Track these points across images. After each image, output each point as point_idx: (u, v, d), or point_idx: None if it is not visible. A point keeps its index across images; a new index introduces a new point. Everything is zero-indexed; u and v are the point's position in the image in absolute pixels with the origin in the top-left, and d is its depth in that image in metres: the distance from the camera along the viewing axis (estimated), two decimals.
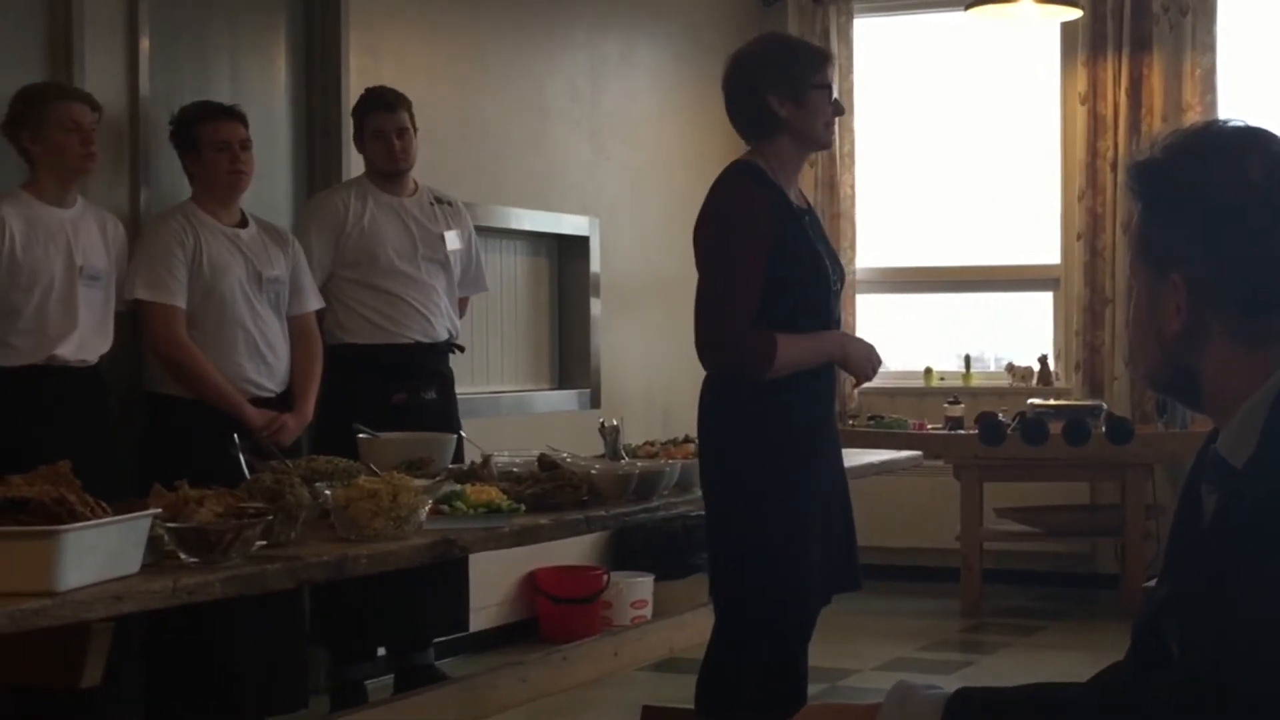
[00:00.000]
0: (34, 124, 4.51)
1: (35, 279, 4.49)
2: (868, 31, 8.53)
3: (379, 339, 5.42)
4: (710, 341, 3.84)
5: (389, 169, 5.48)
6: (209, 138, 4.93)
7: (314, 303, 5.25)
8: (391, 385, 5.38)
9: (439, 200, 5.64)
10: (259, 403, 4.96)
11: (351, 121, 5.76)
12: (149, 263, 4.82)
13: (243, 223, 5.06)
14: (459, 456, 4.58)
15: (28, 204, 4.51)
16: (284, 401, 5.06)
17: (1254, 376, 1.67)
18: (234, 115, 4.99)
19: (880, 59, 8.59)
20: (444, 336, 5.58)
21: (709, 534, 3.98)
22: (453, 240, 5.61)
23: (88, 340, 4.62)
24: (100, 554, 2.75)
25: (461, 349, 5.75)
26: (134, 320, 4.90)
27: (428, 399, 5.47)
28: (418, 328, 5.48)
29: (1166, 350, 1.74)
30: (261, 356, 5.02)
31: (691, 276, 3.95)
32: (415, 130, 5.49)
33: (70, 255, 4.56)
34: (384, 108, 5.44)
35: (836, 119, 3.96)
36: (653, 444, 4.77)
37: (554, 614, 6.79)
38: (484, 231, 6.03)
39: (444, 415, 5.42)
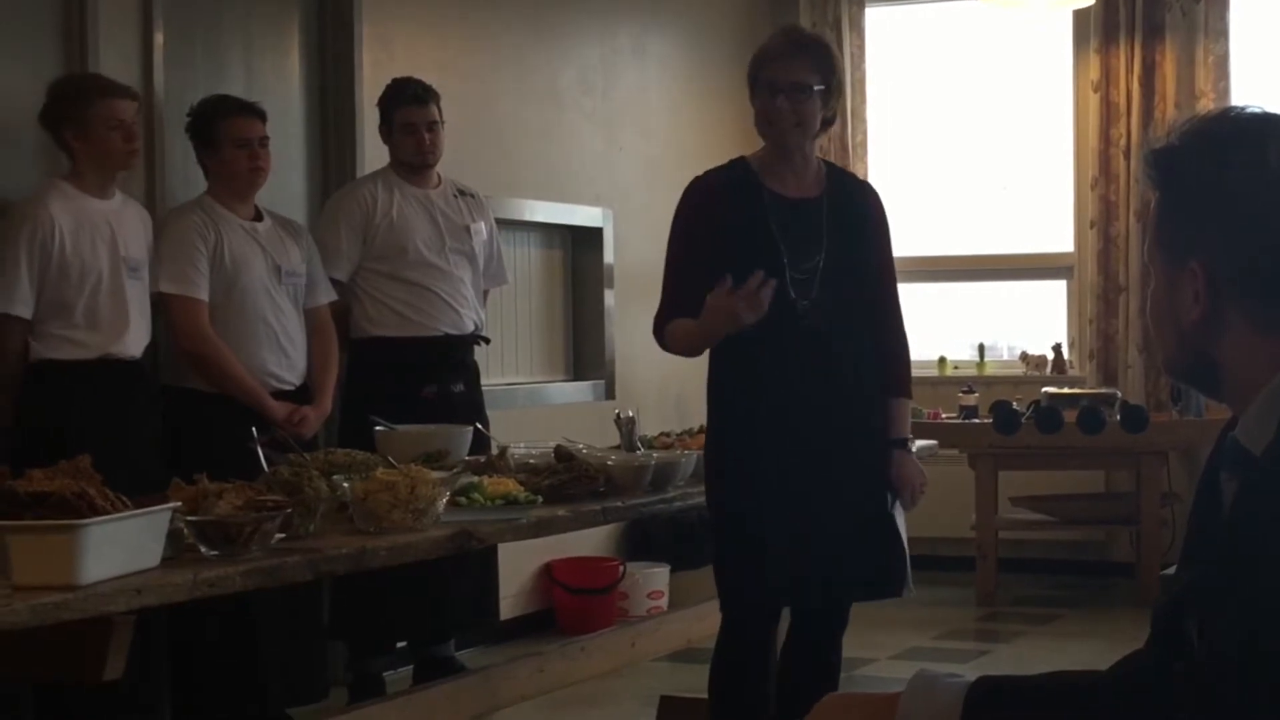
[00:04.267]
0: (78, 121, 4.50)
1: (85, 274, 4.49)
2: (879, 21, 8.53)
3: (408, 332, 5.41)
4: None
5: (418, 162, 5.47)
6: (229, 134, 4.93)
7: (327, 295, 5.26)
8: (420, 378, 5.38)
9: (462, 193, 5.64)
10: (279, 396, 4.97)
11: (364, 114, 5.77)
12: (172, 257, 4.83)
13: (258, 216, 5.07)
14: (483, 448, 4.58)
15: (73, 197, 4.50)
16: (302, 394, 5.08)
17: (1273, 363, 1.67)
18: (254, 112, 4.99)
19: (892, 48, 8.58)
20: (470, 329, 5.58)
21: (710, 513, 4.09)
22: (480, 232, 5.61)
23: (140, 334, 4.64)
24: (121, 547, 2.76)
25: (487, 341, 5.76)
26: (154, 314, 4.92)
27: (456, 392, 5.47)
28: (446, 320, 5.48)
29: (1185, 338, 1.74)
30: (282, 350, 5.04)
31: None
32: (443, 123, 5.49)
33: (115, 247, 4.56)
34: (414, 100, 5.43)
35: (792, 115, 3.91)
36: (668, 434, 4.79)
37: (570, 605, 6.80)
38: (498, 223, 6.04)
39: (472, 407, 5.42)
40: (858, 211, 4.08)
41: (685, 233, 4.00)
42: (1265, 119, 1.71)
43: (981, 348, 8.37)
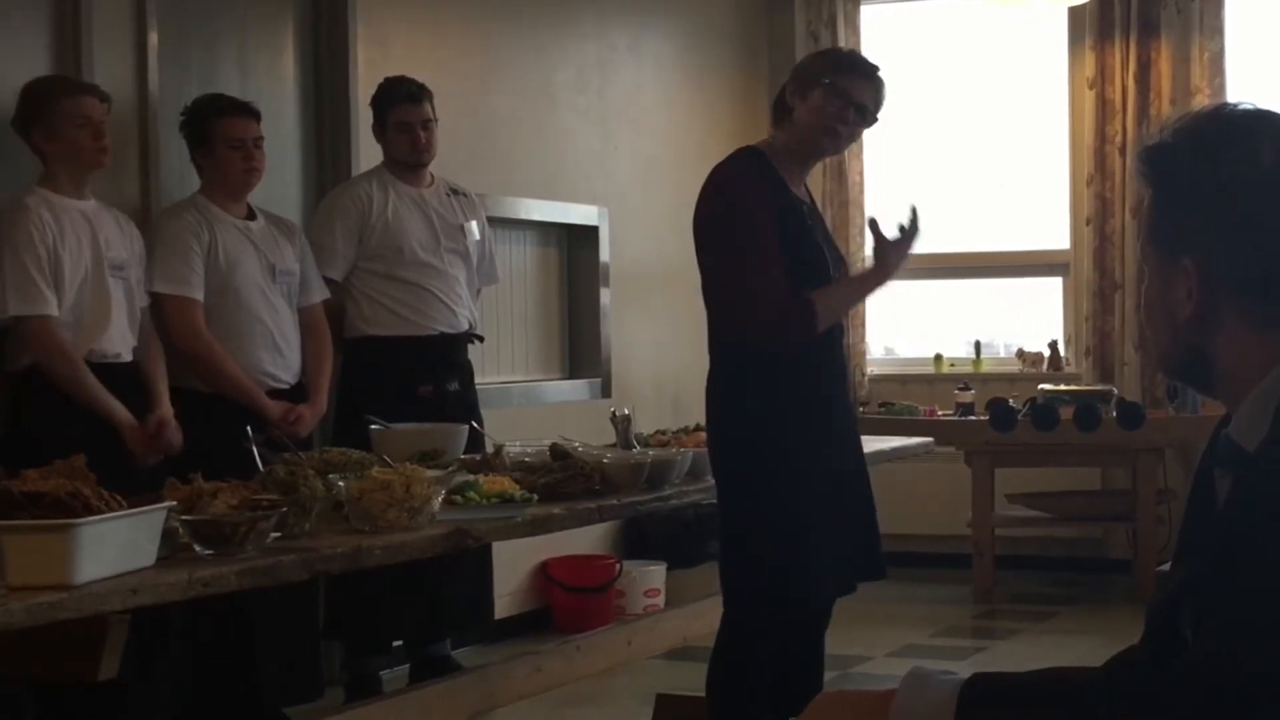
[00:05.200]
0: (45, 121, 4.45)
1: (73, 275, 4.45)
2: (874, 18, 8.52)
3: (404, 331, 5.41)
4: (749, 315, 3.84)
5: (412, 160, 5.47)
6: (223, 134, 4.92)
7: (320, 294, 5.26)
8: (416, 377, 5.38)
9: (454, 191, 5.64)
10: (274, 395, 4.97)
11: (359, 113, 5.77)
12: (166, 257, 4.82)
13: (251, 215, 5.07)
14: (478, 447, 4.59)
15: (50, 200, 4.46)
16: (297, 393, 5.07)
17: (1266, 360, 1.67)
18: (249, 112, 4.98)
19: (887, 46, 8.57)
20: (465, 327, 5.58)
21: (719, 514, 4.03)
22: (474, 231, 5.61)
23: (123, 334, 4.60)
24: (115, 547, 2.76)
25: (481, 339, 5.77)
26: (148, 314, 4.90)
27: (451, 390, 5.47)
28: (442, 319, 5.48)
29: (1179, 335, 1.74)
30: (277, 349, 5.03)
31: None
32: (436, 121, 5.49)
33: (97, 247, 4.52)
34: (408, 99, 5.42)
35: (848, 130, 3.96)
36: (664, 433, 4.78)
37: (567, 603, 6.80)
38: (493, 222, 6.04)
39: (466, 407, 5.42)
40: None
41: (751, 215, 3.86)
42: (1258, 116, 1.71)
43: (978, 345, 8.37)
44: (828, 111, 3.91)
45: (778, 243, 3.83)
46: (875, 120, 4.02)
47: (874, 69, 4.04)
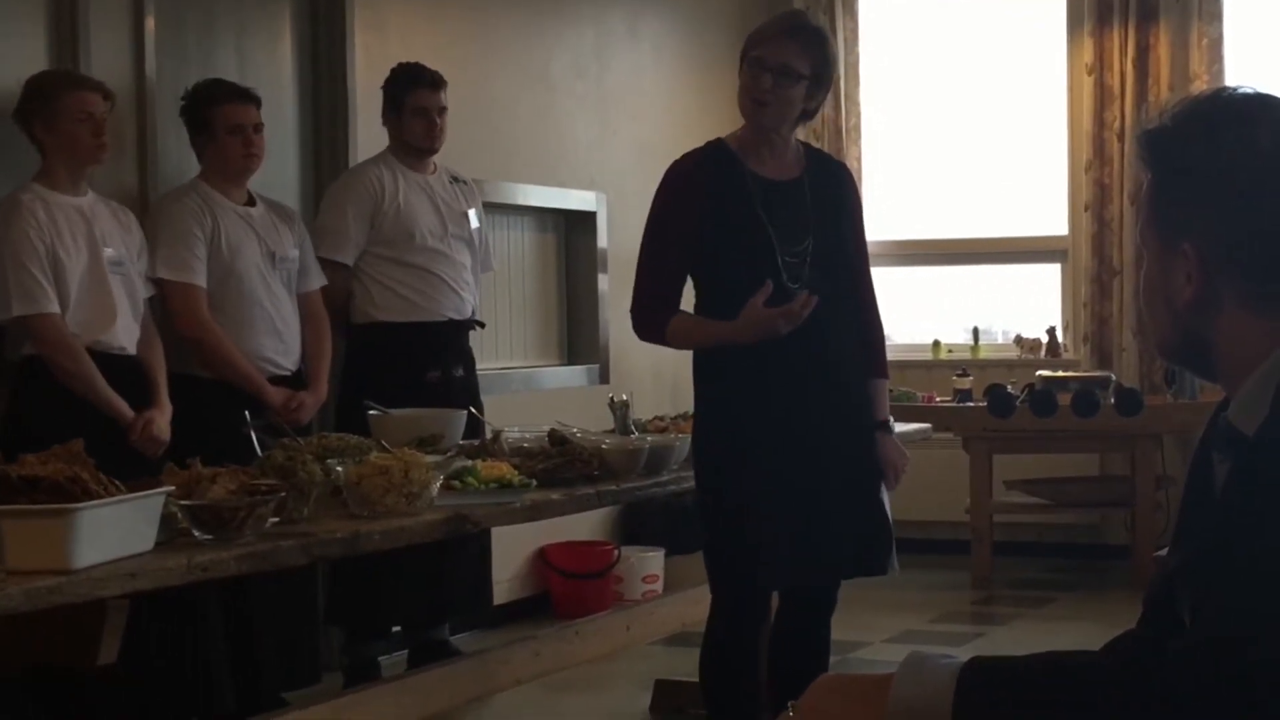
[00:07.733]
0: (46, 114, 4.44)
1: (72, 273, 4.43)
2: (873, 4, 8.52)
3: (414, 316, 5.40)
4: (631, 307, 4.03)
5: (425, 147, 5.47)
6: (223, 120, 4.91)
7: (318, 281, 5.25)
8: (423, 363, 5.38)
9: (455, 179, 5.64)
10: (275, 381, 4.97)
11: (357, 99, 5.76)
12: (169, 242, 4.81)
13: (250, 201, 5.06)
14: (477, 433, 4.58)
15: (45, 196, 4.45)
16: (298, 380, 5.07)
17: (1265, 344, 1.67)
18: (249, 98, 4.97)
19: (886, 32, 8.57)
20: (470, 313, 5.59)
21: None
22: (475, 219, 5.62)
23: (128, 328, 4.59)
24: (114, 532, 2.77)
25: (483, 325, 5.77)
26: (150, 301, 4.89)
27: (457, 376, 5.48)
28: (450, 305, 5.48)
29: (1178, 319, 1.74)
30: (278, 335, 5.03)
31: None
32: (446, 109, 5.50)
33: (94, 242, 4.51)
34: (429, 85, 5.43)
35: (774, 95, 3.88)
36: (662, 419, 4.79)
37: (566, 589, 6.81)
38: (491, 208, 6.04)
39: (471, 392, 5.43)
40: (837, 192, 4.08)
41: (666, 219, 3.98)
42: (1257, 100, 1.71)
43: (976, 331, 8.37)
44: (746, 84, 3.91)
45: (680, 246, 3.92)
46: (812, 79, 3.89)
47: (791, 27, 3.95)
